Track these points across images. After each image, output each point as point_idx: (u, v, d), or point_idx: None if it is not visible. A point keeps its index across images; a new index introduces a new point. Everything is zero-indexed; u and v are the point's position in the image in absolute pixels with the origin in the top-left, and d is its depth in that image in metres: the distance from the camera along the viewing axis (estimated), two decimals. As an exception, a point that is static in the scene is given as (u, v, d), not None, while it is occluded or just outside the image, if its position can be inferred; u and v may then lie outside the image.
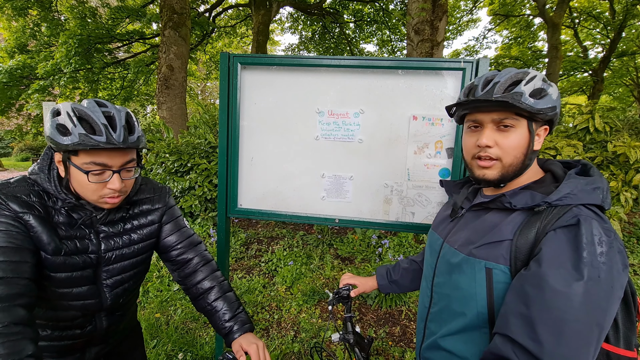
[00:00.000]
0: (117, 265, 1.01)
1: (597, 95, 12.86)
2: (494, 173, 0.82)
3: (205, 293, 1.10)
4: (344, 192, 1.56)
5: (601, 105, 3.82)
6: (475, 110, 0.82)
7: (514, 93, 0.74)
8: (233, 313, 1.07)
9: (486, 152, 0.81)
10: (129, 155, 0.91)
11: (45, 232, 0.86)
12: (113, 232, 1.00)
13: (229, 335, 1.04)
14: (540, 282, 0.65)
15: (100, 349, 1.11)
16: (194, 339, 2.51)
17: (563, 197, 0.72)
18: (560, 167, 0.85)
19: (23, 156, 22.93)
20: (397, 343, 2.53)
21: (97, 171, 0.86)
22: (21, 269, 0.77)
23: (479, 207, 0.89)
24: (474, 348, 0.82)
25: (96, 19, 9.52)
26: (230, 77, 1.51)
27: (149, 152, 4.90)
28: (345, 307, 1.34)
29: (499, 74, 0.80)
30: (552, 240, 0.68)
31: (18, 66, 8.78)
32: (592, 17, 12.52)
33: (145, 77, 11.77)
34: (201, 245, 1.19)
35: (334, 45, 13.33)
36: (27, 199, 0.86)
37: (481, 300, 0.78)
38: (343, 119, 1.51)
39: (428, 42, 5.22)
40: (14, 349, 0.67)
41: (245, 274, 3.56)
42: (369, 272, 3.24)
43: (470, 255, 0.81)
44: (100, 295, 1.00)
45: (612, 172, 3.41)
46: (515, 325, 0.67)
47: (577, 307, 0.62)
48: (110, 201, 0.91)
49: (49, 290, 0.91)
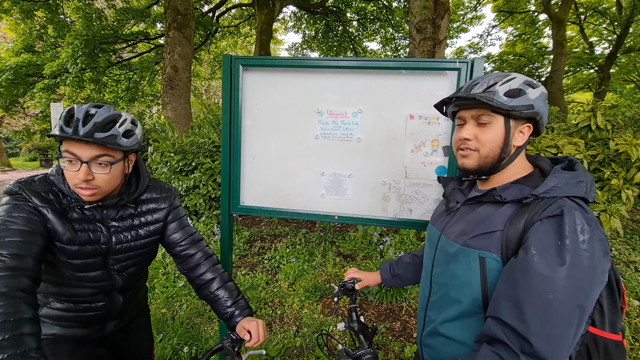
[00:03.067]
0: (124, 255, 1.13)
1: (603, 92, 12.72)
2: (471, 162, 0.89)
3: (207, 283, 1.23)
4: (343, 189, 1.61)
5: (603, 103, 3.80)
6: (459, 108, 0.90)
7: (487, 92, 0.82)
8: (234, 300, 1.20)
9: (466, 144, 0.89)
10: (100, 150, 0.98)
11: (61, 224, 0.98)
12: (122, 227, 1.12)
13: (230, 319, 1.17)
14: (527, 268, 0.70)
15: (117, 323, 1.25)
16: (198, 333, 2.57)
17: (549, 189, 0.78)
18: (548, 162, 0.90)
19: (31, 156, 23.24)
20: (397, 338, 2.58)
21: (69, 157, 0.96)
22: (29, 249, 0.89)
23: (473, 201, 0.94)
24: (470, 332, 0.87)
25: (102, 20, 9.63)
26: (232, 79, 1.56)
27: (154, 151, 4.97)
28: (350, 299, 1.40)
29: (486, 76, 0.87)
30: (538, 230, 0.74)
31: (23, 64, 8.91)
32: (598, 13, 12.38)
33: (149, 78, 11.88)
34: (202, 242, 1.31)
35: (337, 43, 13.34)
36: (46, 196, 0.99)
37: (476, 287, 0.83)
38: (342, 119, 1.55)
39: (430, 40, 5.22)
40: (15, 309, 0.78)
41: (249, 270, 3.62)
42: (370, 269, 3.28)
43: (465, 245, 0.86)
44: (112, 278, 1.13)
45: (613, 169, 3.41)
46: (504, 308, 0.72)
47: (560, 290, 0.67)
48: (83, 192, 0.99)
49: (68, 274, 1.04)
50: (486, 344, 0.74)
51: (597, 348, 0.77)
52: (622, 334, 0.80)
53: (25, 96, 9.86)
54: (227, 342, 1.06)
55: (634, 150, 3.18)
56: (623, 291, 0.81)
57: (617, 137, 3.50)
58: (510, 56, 13.79)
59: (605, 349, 0.76)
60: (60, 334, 1.13)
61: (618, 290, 0.79)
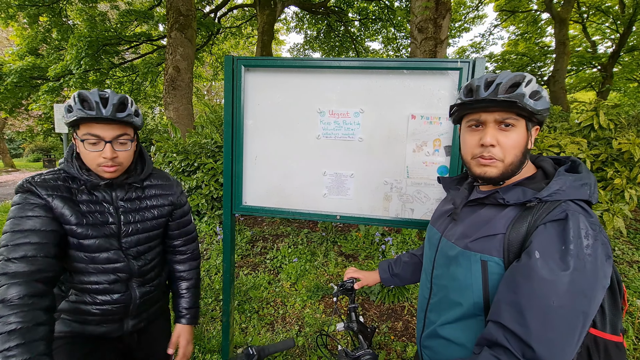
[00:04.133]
0: (134, 238, 1.19)
1: (606, 91, 12.65)
2: (495, 171, 0.84)
3: (181, 280, 1.38)
4: (345, 189, 1.61)
5: (606, 102, 3.79)
6: (480, 110, 0.84)
7: (518, 94, 0.77)
8: (192, 305, 1.37)
9: (489, 151, 0.83)
10: (121, 130, 1.07)
11: (67, 207, 1.04)
12: (130, 208, 1.19)
13: (178, 317, 1.34)
14: (530, 272, 0.69)
15: (135, 323, 1.26)
16: (201, 332, 2.58)
17: (553, 193, 0.76)
18: (551, 163, 0.89)
19: (34, 157, 23.40)
20: (400, 337, 2.58)
21: (92, 140, 1.03)
22: (42, 249, 0.93)
23: (475, 203, 0.93)
24: (470, 335, 0.87)
25: (105, 23, 9.68)
26: (234, 79, 1.57)
27: (157, 151, 5.00)
28: (349, 299, 1.40)
29: (499, 75, 0.82)
30: (541, 234, 0.73)
31: (28, 67, 8.98)
32: (601, 12, 12.30)
33: (151, 79, 11.94)
34: (196, 242, 1.43)
35: (339, 43, 13.33)
36: (53, 182, 1.05)
37: (477, 291, 0.83)
38: (344, 119, 1.56)
39: (432, 40, 5.22)
40: (26, 318, 0.81)
41: (251, 270, 3.63)
42: (372, 268, 3.28)
43: (467, 248, 0.85)
44: (127, 259, 1.17)
45: (616, 169, 3.39)
46: (506, 312, 0.71)
47: (563, 295, 0.66)
48: (107, 169, 1.07)
49: (84, 256, 1.09)
50: (487, 348, 0.74)
51: (598, 349, 0.76)
52: (623, 334, 0.80)
53: (29, 98, 9.93)
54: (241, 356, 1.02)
55: (637, 149, 3.17)
56: (624, 292, 0.81)
57: (620, 136, 3.49)
58: (513, 55, 13.73)
59: (606, 350, 0.76)
60: (77, 331, 1.14)
61: (619, 291, 0.79)
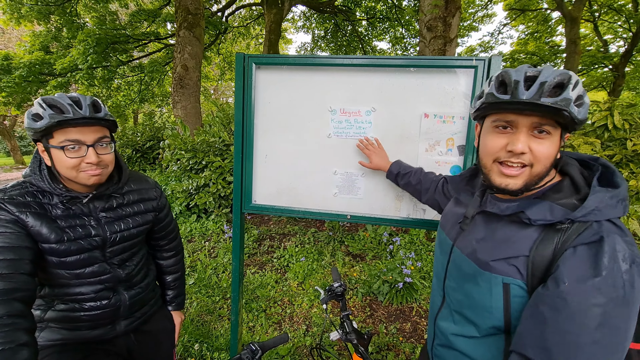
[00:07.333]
0: (119, 247, 1.14)
1: (618, 91, 12.41)
2: (519, 183, 0.75)
3: (167, 273, 1.44)
4: (356, 188, 1.59)
5: (620, 102, 3.71)
6: (514, 111, 0.72)
7: (565, 99, 0.66)
8: (178, 293, 1.47)
9: (519, 158, 0.73)
10: (100, 132, 1.01)
11: (44, 225, 0.96)
12: (113, 217, 1.13)
13: (166, 303, 1.44)
14: (557, 303, 0.63)
15: (128, 323, 1.22)
16: (209, 330, 2.59)
17: (588, 213, 0.67)
18: (578, 170, 0.78)
19: (44, 154, 23.65)
20: (408, 339, 2.55)
21: (72, 145, 0.95)
22: (17, 266, 0.86)
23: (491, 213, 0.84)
24: (485, 350, 0.83)
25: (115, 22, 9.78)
26: (245, 77, 1.56)
27: (167, 149, 5.03)
28: (340, 305, 1.31)
29: (542, 72, 0.69)
30: (571, 258, 0.65)
31: (37, 62, 9.05)
32: (613, 10, 12.06)
33: (159, 78, 12.03)
34: (179, 238, 1.49)
35: (346, 43, 13.28)
36: (22, 199, 0.95)
37: (497, 314, 0.77)
38: (355, 117, 1.54)
39: (441, 38, 5.16)
40: (7, 339, 0.75)
41: (258, 269, 3.63)
42: (380, 269, 3.26)
43: (487, 269, 0.78)
44: (112, 271, 1.12)
45: (631, 170, 3.32)
46: (531, 347, 0.66)
47: (595, 330, 0.59)
48: (92, 173, 0.99)
49: (66, 274, 1.03)
50: None
51: None
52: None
53: (37, 94, 10.05)
54: (246, 353, 1.04)
55: (653, 150, 3.10)
56: None
57: (635, 137, 3.41)
58: (522, 55, 13.54)
59: (629, 359, 0.72)
60: (68, 338, 1.09)
61: None
